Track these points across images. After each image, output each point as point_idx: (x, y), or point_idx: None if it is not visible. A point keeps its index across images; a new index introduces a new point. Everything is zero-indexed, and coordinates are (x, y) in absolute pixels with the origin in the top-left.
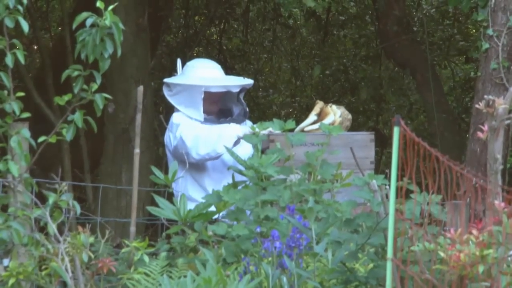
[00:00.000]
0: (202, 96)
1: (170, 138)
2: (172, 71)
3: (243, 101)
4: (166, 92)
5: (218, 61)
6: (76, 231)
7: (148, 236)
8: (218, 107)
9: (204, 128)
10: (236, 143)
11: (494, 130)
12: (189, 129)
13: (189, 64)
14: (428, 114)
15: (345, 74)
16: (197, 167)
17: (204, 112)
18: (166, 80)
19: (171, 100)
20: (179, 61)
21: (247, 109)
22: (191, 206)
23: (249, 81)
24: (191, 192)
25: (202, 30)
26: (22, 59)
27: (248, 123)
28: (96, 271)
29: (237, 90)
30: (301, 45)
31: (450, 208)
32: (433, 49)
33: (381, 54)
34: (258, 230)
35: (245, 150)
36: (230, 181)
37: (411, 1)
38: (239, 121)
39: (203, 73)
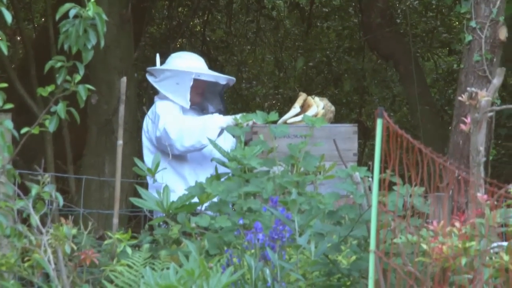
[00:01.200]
0: (191, 83)
1: (149, 127)
2: (155, 63)
3: (223, 99)
4: (151, 79)
5: (202, 53)
6: (58, 223)
7: (131, 228)
8: (201, 99)
9: (187, 119)
10: (220, 134)
11: (477, 123)
12: (172, 121)
13: (174, 55)
14: (411, 106)
15: (328, 66)
16: (178, 157)
17: (190, 101)
18: (150, 68)
19: (158, 86)
20: (158, 56)
21: (224, 109)
22: (172, 197)
23: (233, 78)
24: (171, 183)
25: (186, 21)
26: (5, 50)
27: None
28: (78, 263)
29: (224, 82)
30: (285, 36)
31: (433, 200)
32: (416, 41)
33: (365, 46)
34: (241, 222)
35: (229, 143)
36: (209, 171)
37: None
38: None
39: (190, 63)
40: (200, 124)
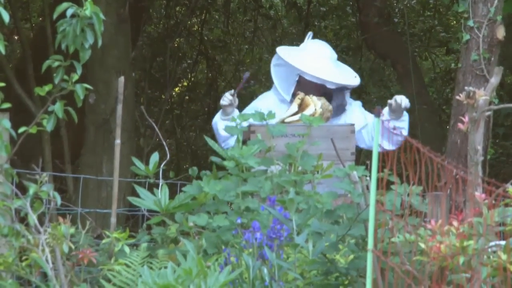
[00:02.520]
0: (296, 78)
1: None
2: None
3: (345, 95)
4: (273, 59)
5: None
6: (56, 222)
7: (128, 227)
8: (320, 93)
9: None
10: (228, 118)
11: (474, 122)
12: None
13: (309, 43)
14: None
15: None
16: None
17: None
18: (278, 48)
19: (272, 69)
20: (310, 34)
21: (345, 103)
22: None
23: (350, 82)
24: None
25: (183, 20)
26: (2, 49)
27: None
28: (76, 262)
29: (333, 87)
30: (282, 36)
31: (431, 199)
32: (414, 40)
33: (362, 45)
34: (239, 221)
35: None
36: None
37: None
38: (334, 114)
39: (308, 59)
40: (215, 129)
